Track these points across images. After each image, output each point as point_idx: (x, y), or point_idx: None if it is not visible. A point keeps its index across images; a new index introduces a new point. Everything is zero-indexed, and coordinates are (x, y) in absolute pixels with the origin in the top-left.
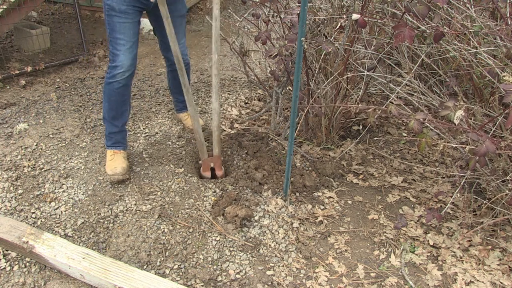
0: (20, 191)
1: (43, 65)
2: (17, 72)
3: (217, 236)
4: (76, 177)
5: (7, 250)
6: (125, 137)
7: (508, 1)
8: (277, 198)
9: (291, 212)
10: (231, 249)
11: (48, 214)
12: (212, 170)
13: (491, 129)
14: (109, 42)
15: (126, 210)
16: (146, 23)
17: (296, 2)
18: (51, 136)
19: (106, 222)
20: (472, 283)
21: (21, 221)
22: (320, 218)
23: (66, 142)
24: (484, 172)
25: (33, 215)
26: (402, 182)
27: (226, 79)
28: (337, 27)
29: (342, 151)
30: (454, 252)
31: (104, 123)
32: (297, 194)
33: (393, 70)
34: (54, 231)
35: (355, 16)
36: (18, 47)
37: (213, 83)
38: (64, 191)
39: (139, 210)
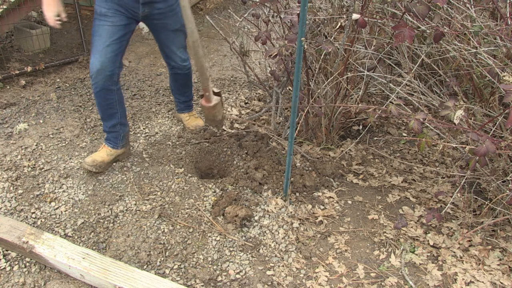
0: (20, 191)
1: (43, 65)
2: (17, 72)
3: (217, 236)
4: (76, 177)
5: (7, 250)
6: (118, 138)
7: (508, 1)
8: (277, 198)
9: (291, 212)
10: (231, 249)
11: (48, 214)
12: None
13: (491, 129)
14: None
15: (126, 210)
16: None
17: (296, 2)
18: (51, 136)
19: (106, 222)
20: (472, 283)
21: (21, 221)
22: (320, 218)
23: (66, 142)
24: (484, 172)
25: (33, 215)
26: (402, 182)
27: (226, 79)
28: (337, 27)
29: (342, 151)
30: (454, 252)
31: None
32: (297, 194)
33: (393, 70)
34: (54, 231)
35: (355, 16)
36: (18, 47)
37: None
38: (64, 191)
39: (139, 210)
